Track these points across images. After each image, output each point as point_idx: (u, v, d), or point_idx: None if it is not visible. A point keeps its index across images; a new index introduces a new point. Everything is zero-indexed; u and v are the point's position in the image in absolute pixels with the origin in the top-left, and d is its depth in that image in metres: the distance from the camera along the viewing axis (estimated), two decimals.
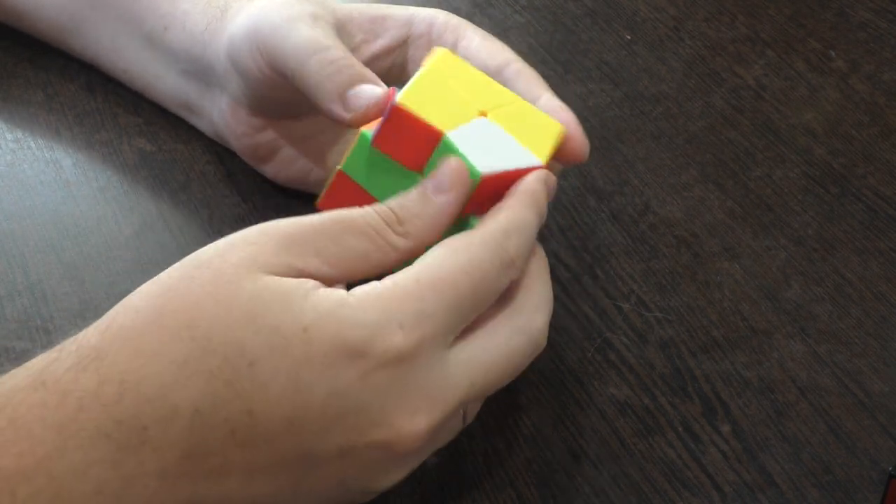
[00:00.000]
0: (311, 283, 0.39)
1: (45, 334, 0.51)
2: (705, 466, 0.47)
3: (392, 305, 0.39)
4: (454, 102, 0.45)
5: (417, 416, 0.39)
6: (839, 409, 0.49)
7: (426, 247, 0.42)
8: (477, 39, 0.50)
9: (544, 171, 0.45)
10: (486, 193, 0.43)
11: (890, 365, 0.51)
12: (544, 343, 0.43)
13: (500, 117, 0.46)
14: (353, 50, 0.51)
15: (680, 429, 0.48)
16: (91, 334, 0.38)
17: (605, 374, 0.50)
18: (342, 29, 0.51)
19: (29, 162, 0.59)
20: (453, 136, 0.43)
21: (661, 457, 0.47)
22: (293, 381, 0.38)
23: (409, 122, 0.43)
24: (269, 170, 0.56)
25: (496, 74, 0.49)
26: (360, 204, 0.42)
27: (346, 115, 0.46)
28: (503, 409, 0.49)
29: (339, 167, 0.44)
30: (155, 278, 0.40)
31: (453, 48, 0.50)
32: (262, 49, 0.50)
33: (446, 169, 0.42)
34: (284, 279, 0.39)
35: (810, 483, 0.46)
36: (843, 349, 0.52)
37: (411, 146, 0.43)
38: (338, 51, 0.47)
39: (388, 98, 0.45)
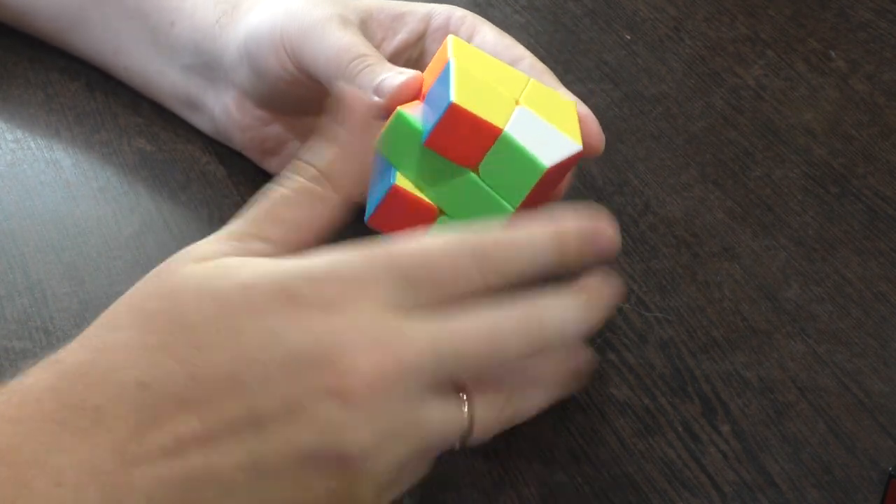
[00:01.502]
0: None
1: (45, 334, 0.51)
2: (705, 466, 0.47)
3: (338, 263, 0.40)
4: (492, 93, 0.45)
5: (361, 357, 0.38)
6: (839, 409, 0.49)
7: (348, 181, 0.43)
8: (491, 35, 0.52)
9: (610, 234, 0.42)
10: (542, 185, 0.44)
11: (890, 365, 0.51)
12: (557, 336, 0.41)
13: (530, 103, 0.46)
14: (376, 48, 0.51)
15: (680, 429, 0.48)
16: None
17: (605, 374, 0.50)
18: (364, 28, 0.51)
19: (29, 162, 0.59)
20: (510, 130, 0.44)
21: (661, 457, 0.47)
22: (228, 329, 0.38)
23: (466, 120, 0.43)
24: (274, 164, 0.56)
25: None
26: (412, 207, 0.44)
27: (380, 100, 0.46)
28: None
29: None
30: None
31: (468, 42, 0.51)
32: (291, 50, 0.50)
33: (340, 104, 0.43)
34: (221, 258, 0.41)
35: (810, 483, 0.46)
36: (843, 349, 0.52)
37: (466, 144, 0.43)
38: (375, 57, 0.48)
39: (420, 80, 0.46)
